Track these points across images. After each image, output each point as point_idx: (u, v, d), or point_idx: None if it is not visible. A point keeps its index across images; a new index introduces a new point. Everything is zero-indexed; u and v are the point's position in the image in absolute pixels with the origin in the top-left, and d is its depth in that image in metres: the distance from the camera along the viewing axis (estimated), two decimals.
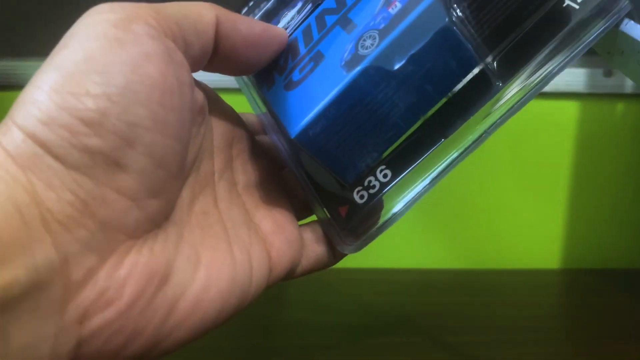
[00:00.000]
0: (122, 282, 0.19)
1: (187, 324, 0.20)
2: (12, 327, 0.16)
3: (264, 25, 0.24)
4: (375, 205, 0.24)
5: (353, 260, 0.57)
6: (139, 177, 0.19)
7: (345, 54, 0.23)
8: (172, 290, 0.20)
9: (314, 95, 0.23)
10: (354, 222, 0.24)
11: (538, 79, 0.22)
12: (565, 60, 0.22)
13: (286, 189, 0.27)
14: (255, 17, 0.28)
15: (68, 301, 0.17)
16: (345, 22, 0.24)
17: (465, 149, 0.23)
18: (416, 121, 0.23)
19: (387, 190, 0.24)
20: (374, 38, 0.22)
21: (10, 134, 0.18)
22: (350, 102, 0.22)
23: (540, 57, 0.22)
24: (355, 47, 0.22)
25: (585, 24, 0.22)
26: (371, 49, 0.22)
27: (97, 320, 0.18)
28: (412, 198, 0.24)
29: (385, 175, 0.24)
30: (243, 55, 0.23)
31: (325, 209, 0.25)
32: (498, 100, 0.23)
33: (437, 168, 0.24)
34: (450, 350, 0.40)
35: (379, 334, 0.42)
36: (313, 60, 0.24)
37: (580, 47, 0.22)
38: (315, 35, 0.25)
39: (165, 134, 0.19)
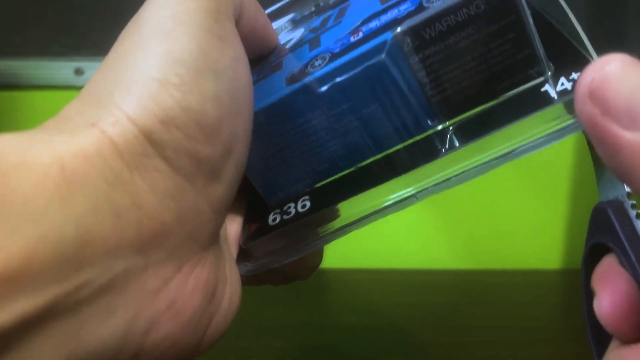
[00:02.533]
0: (189, 294, 0.18)
1: (216, 338, 0.20)
2: (80, 330, 0.15)
3: (267, 19, 0.23)
4: (287, 233, 0.23)
5: (353, 261, 0.57)
6: (226, 189, 0.18)
7: (296, 69, 0.22)
8: (214, 305, 0.19)
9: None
10: (257, 242, 0.23)
11: (486, 159, 0.20)
12: (521, 148, 0.19)
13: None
14: None
15: (141, 310, 0.17)
16: (314, 42, 0.23)
17: (389, 205, 0.21)
18: (350, 166, 0.22)
19: (300, 220, 0.23)
20: (324, 59, 0.21)
21: (121, 127, 0.16)
22: (281, 116, 0.22)
23: (496, 135, 0.20)
24: (306, 64, 0.22)
25: (557, 116, 0.19)
26: (315, 69, 0.21)
27: (161, 333, 0.17)
28: (319, 241, 0.22)
29: (304, 206, 0.23)
30: (249, 43, 0.22)
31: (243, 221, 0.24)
32: (441, 166, 0.21)
33: (360, 214, 0.22)
34: (451, 351, 0.40)
35: (379, 335, 0.42)
36: (271, 69, 0.23)
37: (543, 138, 0.19)
38: (287, 48, 0.25)
39: (247, 144, 0.19)
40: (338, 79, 0.21)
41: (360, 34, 0.21)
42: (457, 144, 0.20)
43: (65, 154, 0.15)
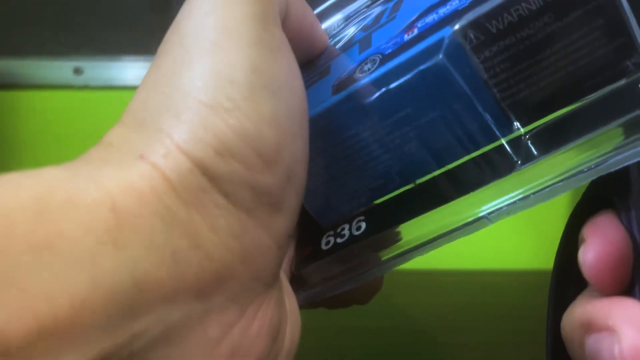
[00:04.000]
0: (254, 339, 0.16)
1: None
2: None
3: (315, 18, 0.21)
4: (343, 258, 0.20)
5: None
6: (288, 219, 0.17)
7: (343, 74, 0.20)
8: (277, 346, 0.18)
9: None
10: (311, 268, 0.21)
11: (572, 171, 0.17)
12: (616, 157, 0.16)
13: None
14: None
15: None
16: (365, 41, 0.21)
17: (458, 228, 0.18)
18: (408, 182, 0.20)
19: (356, 245, 0.20)
20: (374, 62, 0.19)
21: (173, 159, 0.14)
22: (328, 128, 0.19)
23: (584, 142, 0.16)
24: (355, 69, 0.19)
25: None
26: (364, 75, 0.19)
27: None
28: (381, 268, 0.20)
29: (358, 228, 0.20)
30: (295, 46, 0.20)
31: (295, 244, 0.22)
32: (517, 182, 0.18)
33: (424, 238, 0.19)
34: (452, 352, 0.40)
35: (380, 336, 0.42)
36: (320, 73, 0.21)
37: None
38: (337, 50, 0.22)
39: (306, 166, 0.17)
40: (389, 87, 0.18)
41: (415, 31, 0.19)
42: (536, 154, 0.17)
43: (115, 190, 0.13)
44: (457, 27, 0.17)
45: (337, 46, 0.22)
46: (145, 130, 0.15)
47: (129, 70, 0.55)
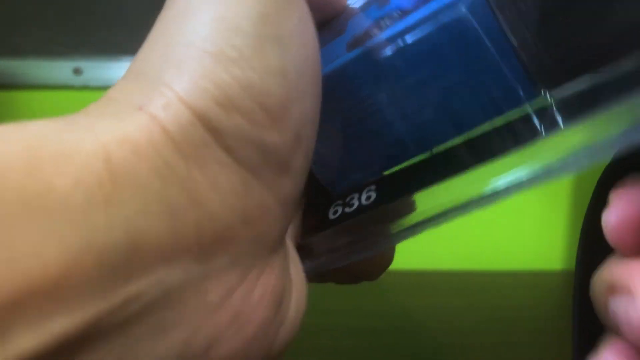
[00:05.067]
0: (255, 305, 0.15)
1: (283, 350, 0.17)
2: (129, 351, 0.13)
3: None
4: (351, 228, 0.19)
5: None
6: (295, 181, 0.16)
7: (359, 31, 0.19)
8: (281, 314, 0.17)
9: None
10: (317, 238, 0.20)
11: (600, 142, 0.15)
12: None
13: None
14: None
15: (200, 327, 0.14)
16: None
17: (475, 200, 0.17)
18: (425, 150, 0.19)
19: (365, 214, 0.19)
20: (393, 19, 0.18)
21: (174, 110, 0.14)
22: (340, 88, 0.18)
23: (612, 113, 0.15)
24: (372, 25, 0.18)
25: None
26: (381, 31, 0.17)
27: (224, 350, 0.15)
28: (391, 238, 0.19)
29: (368, 197, 0.19)
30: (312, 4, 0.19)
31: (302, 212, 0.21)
32: (541, 151, 0.16)
33: (438, 208, 0.18)
34: (452, 352, 0.40)
35: (380, 337, 0.41)
36: (334, 32, 0.20)
37: None
38: (354, 10, 0.21)
39: (316, 126, 0.16)
40: (406, 42, 0.17)
41: None
42: (562, 124, 0.16)
43: (110, 142, 0.12)
44: None
45: (357, 6, 0.21)
46: (145, 82, 0.14)
47: None
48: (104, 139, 0.13)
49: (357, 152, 0.19)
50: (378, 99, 0.18)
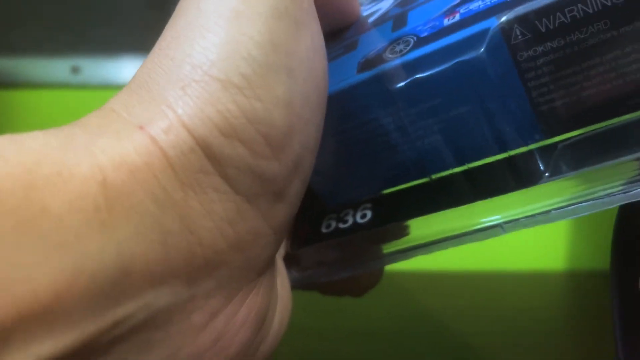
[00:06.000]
0: (239, 327, 0.16)
1: None
2: None
3: None
4: (342, 245, 0.19)
5: None
6: (290, 207, 0.16)
7: (372, 52, 0.18)
8: (263, 332, 0.17)
9: None
10: (306, 250, 0.20)
11: (602, 192, 0.16)
12: None
13: None
14: None
15: (182, 347, 0.15)
16: (400, 19, 0.19)
17: (468, 233, 0.17)
18: (424, 175, 0.19)
19: (358, 233, 0.19)
20: (408, 44, 0.18)
21: (175, 135, 0.13)
22: (347, 109, 0.18)
23: (620, 164, 0.16)
24: (385, 48, 0.18)
25: None
26: (395, 56, 0.17)
27: None
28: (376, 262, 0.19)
29: (363, 216, 0.19)
30: (325, 14, 0.19)
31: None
32: (541, 194, 0.17)
33: (431, 237, 0.18)
34: (452, 353, 0.39)
35: (382, 338, 0.41)
36: (346, 47, 0.20)
37: None
38: (368, 23, 0.21)
39: (315, 153, 0.16)
40: (420, 75, 0.17)
41: (457, 17, 0.17)
42: (565, 169, 0.16)
43: (107, 164, 0.12)
44: (503, 19, 0.16)
45: (370, 19, 0.21)
46: (148, 98, 0.14)
47: (127, 69, 0.54)
48: (101, 160, 0.12)
49: (357, 170, 0.20)
50: (384, 123, 0.18)
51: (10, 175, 0.11)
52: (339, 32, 0.21)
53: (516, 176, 0.17)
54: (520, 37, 0.16)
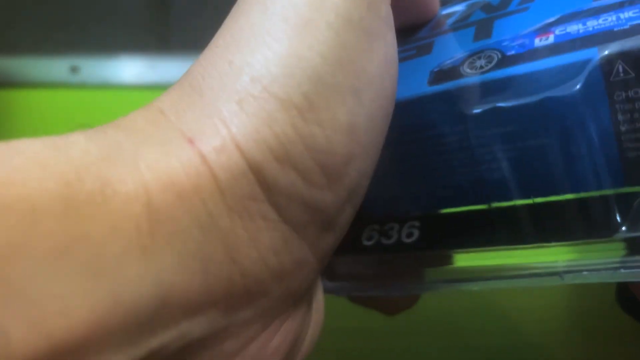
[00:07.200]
0: (271, 354, 0.15)
1: None
2: None
3: None
4: (383, 262, 0.18)
5: None
6: (338, 236, 0.15)
7: (448, 61, 0.17)
8: (292, 354, 0.16)
9: None
10: (343, 259, 0.19)
11: None
12: None
13: None
14: None
15: None
16: (484, 27, 0.18)
17: (523, 275, 0.16)
18: (483, 202, 0.17)
19: (404, 253, 0.18)
20: (490, 61, 0.16)
21: (227, 156, 0.12)
22: (411, 119, 0.17)
23: None
24: (463, 60, 0.16)
25: None
26: (474, 72, 0.16)
27: None
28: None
29: (410, 234, 0.18)
30: (400, 9, 0.17)
31: None
32: (613, 249, 0.15)
33: (482, 273, 0.17)
34: (456, 353, 0.39)
35: (385, 339, 0.40)
36: (419, 47, 0.18)
37: None
38: (447, 24, 0.19)
39: (369, 179, 0.15)
40: (501, 104, 0.15)
41: (551, 38, 0.15)
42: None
43: (153, 183, 0.12)
44: (607, 52, 0.14)
45: (448, 20, 0.19)
46: (201, 106, 0.13)
47: (127, 68, 0.54)
48: (147, 178, 0.12)
49: (409, 183, 0.18)
50: (448, 141, 0.16)
51: (49, 191, 0.10)
52: (412, 27, 0.19)
53: (587, 223, 0.15)
54: (622, 74, 0.14)
